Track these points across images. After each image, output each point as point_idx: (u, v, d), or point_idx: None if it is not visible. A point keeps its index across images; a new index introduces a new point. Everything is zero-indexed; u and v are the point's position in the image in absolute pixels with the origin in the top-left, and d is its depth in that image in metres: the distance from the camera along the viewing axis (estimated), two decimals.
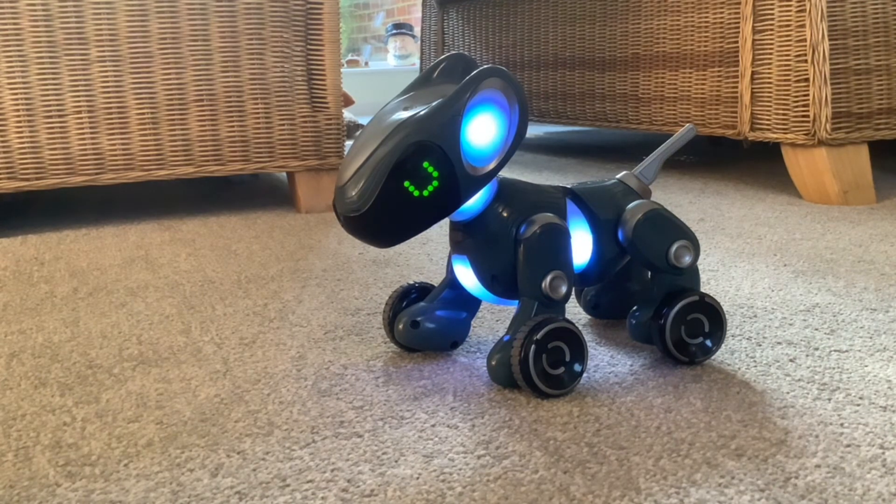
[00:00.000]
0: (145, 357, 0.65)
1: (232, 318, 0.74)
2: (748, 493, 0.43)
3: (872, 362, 0.60)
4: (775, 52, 1.21)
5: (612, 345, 0.65)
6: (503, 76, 0.54)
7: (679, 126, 1.42)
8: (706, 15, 1.35)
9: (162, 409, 0.55)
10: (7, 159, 1.12)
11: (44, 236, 1.13)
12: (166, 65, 1.17)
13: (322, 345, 0.66)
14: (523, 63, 1.92)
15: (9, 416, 0.54)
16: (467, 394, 0.56)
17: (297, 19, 1.23)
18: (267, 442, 0.50)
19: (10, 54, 1.10)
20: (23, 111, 1.12)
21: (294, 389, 0.58)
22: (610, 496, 0.43)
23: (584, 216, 0.61)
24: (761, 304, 0.74)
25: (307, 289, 0.83)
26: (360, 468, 0.46)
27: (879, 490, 0.43)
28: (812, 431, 0.49)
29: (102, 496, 0.44)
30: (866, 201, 1.18)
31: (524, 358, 0.54)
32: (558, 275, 0.57)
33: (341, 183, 0.53)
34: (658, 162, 0.65)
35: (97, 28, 1.13)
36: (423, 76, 0.58)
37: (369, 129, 0.55)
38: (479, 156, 0.54)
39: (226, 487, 0.45)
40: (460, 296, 0.63)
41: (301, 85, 1.24)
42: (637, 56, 1.53)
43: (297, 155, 1.25)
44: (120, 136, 1.16)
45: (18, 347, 0.68)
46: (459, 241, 0.59)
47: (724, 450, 0.47)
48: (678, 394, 0.55)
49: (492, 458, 0.47)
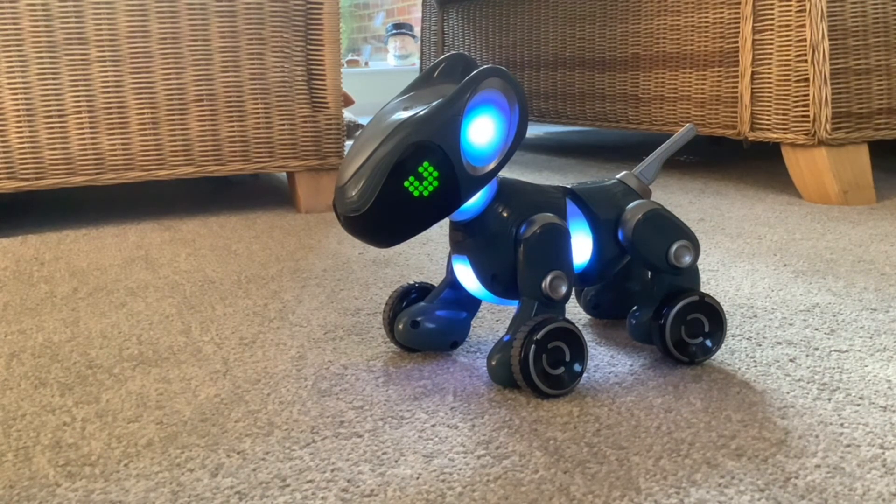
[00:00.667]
0: (145, 357, 0.65)
1: (232, 318, 0.74)
2: (748, 493, 0.43)
3: (872, 362, 0.60)
4: (775, 52, 1.21)
5: (612, 345, 0.65)
6: (503, 76, 0.54)
7: (679, 126, 1.42)
8: (706, 15, 1.35)
9: (162, 409, 0.55)
10: (7, 159, 1.12)
11: (44, 236, 1.13)
12: (166, 65, 1.17)
13: (322, 345, 0.66)
14: (523, 63, 1.92)
15: (9, 416, 0.54)
16: (467, 394, 0.56)
17: (297, 19, 1.23)
18: (267, 442, 0.50)
19: (10, 54, 1.10)
20: (23, 111, 1.12)
21: (294, 389, 0.58)
22: (610, 496, 0.43)
23: (584, 216, 0.61)
24: (761, 304, 0.74)
25: (307, 289, 0.83)
26: (360, 468, 0.46)
27: (879, 490, 0.43)
28: (812, 431, 0.49)
29: (102, 496, 0.44)
30: (866, 201, 1.18)
31: (524, 358, 0.54)
32: (558, 275, 0.57)
33: (341, 183, 0.53)
34: (658, 162, 0.65)
35: (97, 28, 1.13)
36: (423, 76, 0.58)
37: (369, 129, 0.55)
38: (479, 156, 0.54)
39: (226, 487, 0.45)
40: (460, 296, 0.63)
41: (301, 85, 1.24)
42: (637, 56, 1.53)
43: (297, 155, 1.25)
44: (120, 136, 1.16)
45: (18, 347, 0.68)
46: (459, 241, 0.59)
47: (724, 450, 0.47)
48: (678, 394, 0.55)
49: (492, 458, 0.47)
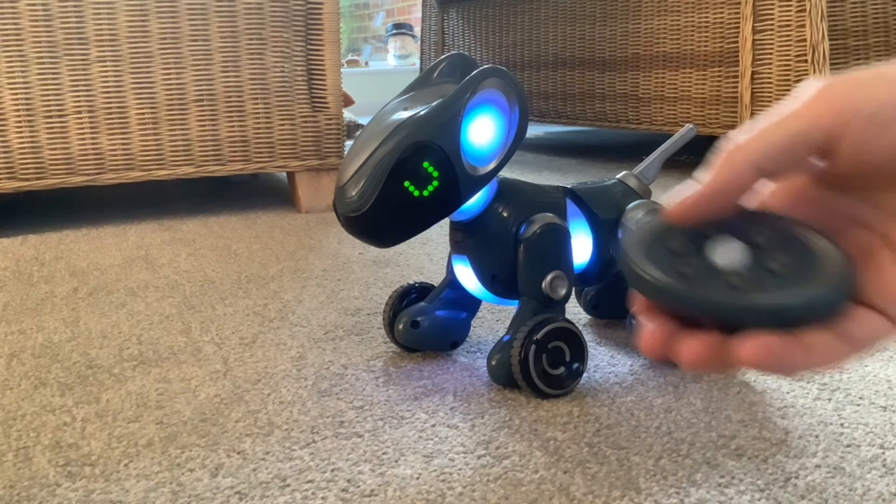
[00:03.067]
0: (145, 357, 0.65)
1: (232, 318, 0.74)
2: (748, 493, 0.43)
3: (872, 362, 0.60)
4: (775, 52, 1.21)
5: (612, 345, 0.65)
6: (503, 76, 0.54)
7: (679, 126, 1.42)
8: (706, 15, 1.35)
9: (162, 409, 0.55)
10: (7, 159, 1.12)
11: (44, 236, 1.13)
12: (166, 65, 1.17)
13: (322, 345, 0.66)
14: (523, 63, 1.92)
15: (9, 416, 0.54)
16: (467, 394, 0.56)
17: (297, 19, 1.23)
18: (267, 442, 0.50)
19: (10, 54, 1.10)
20: (23, 111, 1.12)
21: (294, 389, 0.58)
22: (610, 496, 0.43)
23: (584, 216, 0.61)
24: None
25: (307, 289, 0.83)
26: (360, 468, 0.46)
27: (879, 490, 0.43)
28: (812, 431, 0.49)
29: (102, 496, 0.44)
30: None
31: (524, 358, 0.54)
32: (558, 275, 0.57)
33: (341, 183, 0.53)
34: (658, 162, 0.65)
35: (97, 28, 1.13)
36: (423, 76, 0.58)
37: (369, 129, 0.55)
38: (479, 156, 0.54)
39: (226, 487, 0.45)
40: (460, 296, 0.63)
41: (301, 85, 1.24)
42: (637, 56, 1.53)
43: (297, 155, 1.25)
44: (120, 136, 1.16)
45: (18, 347, 0.68)
46: (459, 241, 0.59)
47: (724, 450, 0.47)
48: (678, 394, 0.55)
49: (492, 458, 0.47)
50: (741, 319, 0.27)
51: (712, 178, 0.29)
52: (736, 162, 0.29)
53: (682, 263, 0.29)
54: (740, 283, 0.28)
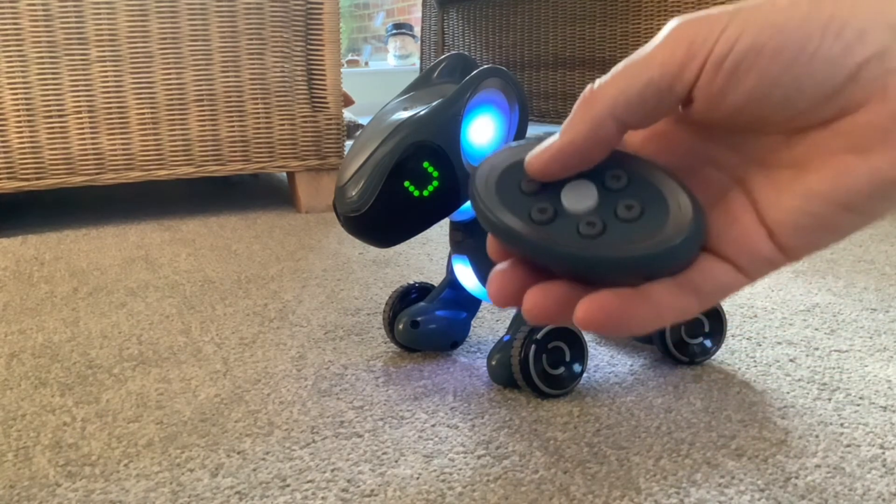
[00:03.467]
0: (145, 357, 0.65)
1: (232, 318, 0.74)
2: (748, 493, 0.43)
3: (872, 362, 0.60)
4: None
5: (612, 345, 0.65)
6: (503, 76, 0.54)
7: None
8: None
9: (162, 409, 0.55)
10: (7, 159, 1.12)
11: (44, 236, 1.13)
12: (166, 65, 1.17)
13: (322, 345, 0.66)
14: (523, 63, 1.92)
15: (9, 416, 0.54)
16: (467, 394, 0.56)
17: (297, 19, 1.23)
18: (267, 442, 0.50)
19: (10, 54, 1.10)
20: (23, 111, 1.11)
21: (294, 389, 0.58)
22: (610, 496, 0.43)
23: None
24: (761, 304, 0.74)
25: (307, 289, 0.83)
26: (360, 468, 0.46)
27: (879, 490, 0.43)
28: (812, 431, 0.49)
29: (102, 496, 0.44)
30: None
31: (524, 358, 0.54)
32: None
33: (341, 183, 0.53)
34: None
35: (97, 28, 1.13)
36: (423, 76, 0.58)
37: (369, 129, 0.55)
38: (479, 156, 0.54)
39: (226, 487, 0.45)
40: (460, 296, 0.63)
41: (301, 85, 1.24)
42: None
43: (297, 155, 1.25)
44: (120, 136, 1.16)
45: (18, 347, 0.68)
46: (459, 241, 0.59)
47: (724, 450, 0.47)
48: (678, 394, 0.55)
49: (492, 458, 0.47)
50: (587, 271, 0.26)
51: (571, 132, 0.27)
52: (595, 115, 0.27)
53: (533, 206, 0.28)
54: (590, 230, 0.26)
